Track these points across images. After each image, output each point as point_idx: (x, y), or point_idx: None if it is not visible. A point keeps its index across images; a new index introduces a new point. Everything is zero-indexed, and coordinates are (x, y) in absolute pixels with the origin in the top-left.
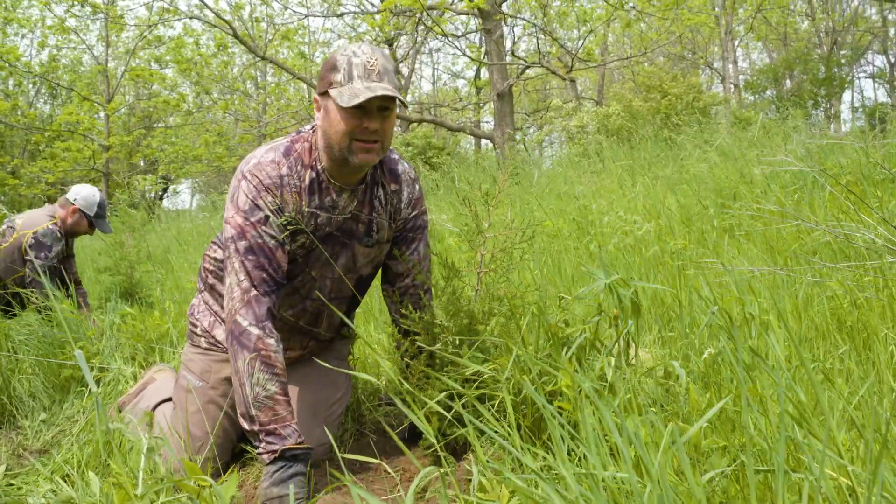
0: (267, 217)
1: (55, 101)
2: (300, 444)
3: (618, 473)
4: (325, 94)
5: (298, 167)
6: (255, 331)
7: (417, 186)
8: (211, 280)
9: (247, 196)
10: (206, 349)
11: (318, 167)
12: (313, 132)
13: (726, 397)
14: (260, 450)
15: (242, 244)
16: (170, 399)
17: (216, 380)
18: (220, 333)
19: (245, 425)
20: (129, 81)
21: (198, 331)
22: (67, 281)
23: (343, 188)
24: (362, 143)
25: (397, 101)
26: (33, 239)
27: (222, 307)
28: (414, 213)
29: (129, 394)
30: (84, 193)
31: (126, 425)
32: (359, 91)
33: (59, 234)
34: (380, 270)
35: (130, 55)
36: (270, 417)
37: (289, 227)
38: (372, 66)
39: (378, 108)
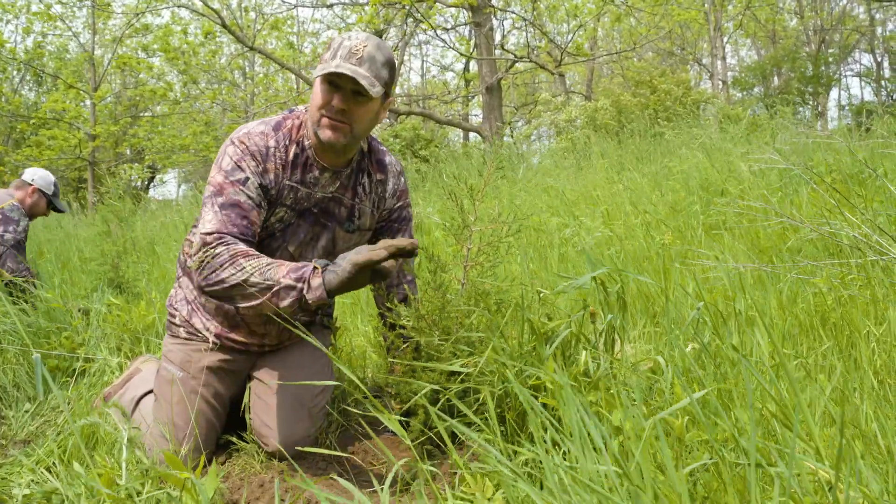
0: (247, 178)
1: (40, 89)
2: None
3: (600, 467)
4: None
5: (286, 142)
6: (224, 249)
7: (403, 179)
8: (190, 263)
9: (231, 158)
10: (186, 339)
11: (305, 143)
12: (306, 111)
13: (707, 390)
14: (310, 296)
15: (219, 199)
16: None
17: (197, 369)
18: (197, 322)
19: (277, 302)
20: (116, 69)
21: (176, 321)
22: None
23: (326, 168)
24: (329, 119)
25: (379, 93)
26: (0, 214)
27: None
28: (399, 205)
29: (114, 385)
30: (41, 174)
31: (108, 417)
32: (326, 67)
33: (24, 211)
34: None
35: (117, 43)
36: (286, 271)
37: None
38: (356, 49)
39: (352, 92)
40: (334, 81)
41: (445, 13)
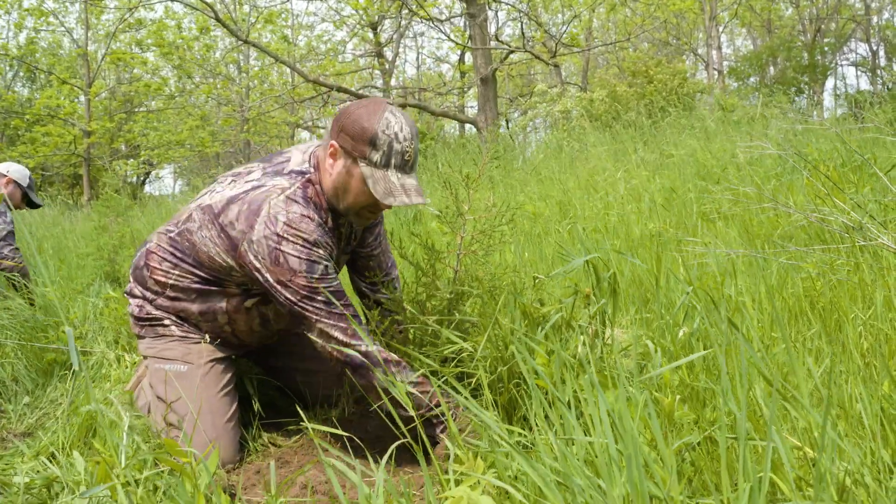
0: (326, 267)
1: (34, 85)
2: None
3: (597, 440)
4: (351, 155)
5: (321, 213)
6: (373, 349)
7: None
8: (172, 293)
9: (298, 258)
10: (182, 337)
11: (326, 205)
12: (314, 170)
13: (694, 356)
14: (436, 432)
15: (320, 300)
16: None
17: (201, 361)
18: (195, 308)
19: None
20: (110, 65)
21: (165, 322)
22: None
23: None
24: (369, 214)
25: None
26: None
27: (193, 304)
28: None
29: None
30: (16, 167)
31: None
32: (395, 189)
33: (6, 203)
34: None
35: (111, 38)
36: (427, 402)
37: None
38: (409, 155)
39: None
40: None
41: (440, 4)
